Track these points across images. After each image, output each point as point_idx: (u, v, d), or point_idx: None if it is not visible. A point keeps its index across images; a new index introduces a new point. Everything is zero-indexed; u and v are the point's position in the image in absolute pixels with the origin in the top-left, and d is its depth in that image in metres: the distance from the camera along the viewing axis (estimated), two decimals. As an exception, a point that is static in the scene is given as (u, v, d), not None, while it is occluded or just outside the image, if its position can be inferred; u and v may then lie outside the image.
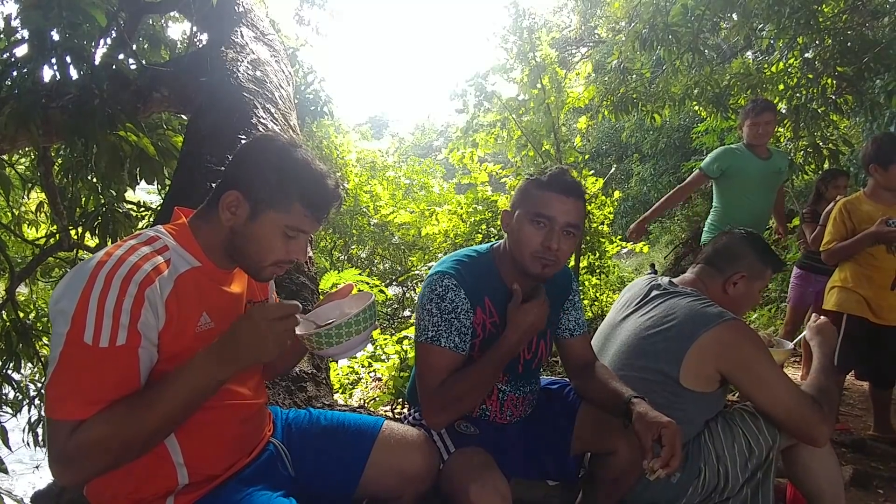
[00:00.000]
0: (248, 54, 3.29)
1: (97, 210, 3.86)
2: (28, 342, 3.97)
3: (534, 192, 1.46)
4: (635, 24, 5.22)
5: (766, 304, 6.63)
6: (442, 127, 26.38)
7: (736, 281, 1.76)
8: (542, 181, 1.45)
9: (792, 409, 1.55)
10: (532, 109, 6.55)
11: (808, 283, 3.80)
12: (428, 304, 1.45)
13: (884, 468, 2.58)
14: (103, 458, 0.95)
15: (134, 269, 0.99)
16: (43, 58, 2.67)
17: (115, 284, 0.97)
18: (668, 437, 1.25)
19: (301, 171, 1.12)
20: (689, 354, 1.59)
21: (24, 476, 4.84)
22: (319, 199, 1.13)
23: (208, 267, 1.13)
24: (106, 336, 0.95)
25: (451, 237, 6.82)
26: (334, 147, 8.31)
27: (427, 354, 1.44)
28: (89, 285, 0.96)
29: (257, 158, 1.12)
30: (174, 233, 1.12)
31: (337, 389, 3.42)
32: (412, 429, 1.45)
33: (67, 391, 0.94)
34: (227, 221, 1.11)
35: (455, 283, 1.45)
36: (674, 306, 1.69)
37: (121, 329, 0.96)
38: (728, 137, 7.98)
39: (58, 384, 0.94)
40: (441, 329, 1.42)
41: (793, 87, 5.16)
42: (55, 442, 0.94)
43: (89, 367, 0.94)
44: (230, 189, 1.10)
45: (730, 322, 1.59)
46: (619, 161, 14.58)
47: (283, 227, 1.11)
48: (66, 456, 0.93)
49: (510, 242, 1.51)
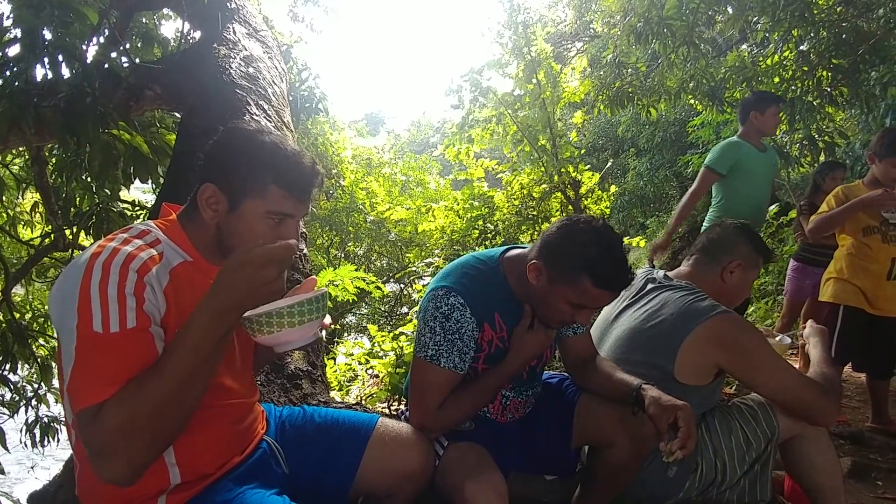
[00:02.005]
0: (241, 51, 3.27)
1: (91, 209, 3.85)
2: (24, 343, 3.96)
3: (586, 286, 1.33)
4: (630, 18, 5.19)
5: (762, 297, 6.64)
6: (438, 123, 26.36)
7: (732, 270, 1.77)
8: (602, 278, 1.33)
9: (796, 390, 1.56)
10: (528, 104, 6.55)
11: (806, 276, 3.80)
12: (431, 321, 1.41)
13: (882, 460, 2.59)
14: (137, 438, 0.91)
15: (130, 258, 0.98)
16: (35, 57, 2.64)
17: (113, 272, 0.95)
18: (684, 418, 1.26)
19: (270, 153, 1.09)
20: (682, 348, 1.59)
21: (21, 477, 4.84)
22: (296, 177, 1.10)
23: (200, 262, 1.12)
24: (115, 321, 0.92)
25: (447, 233, 6.81)
26: (330, 144, 8.30)
27: (425, 372, 1.43)
28: (87, 276, 0.94)
29: (226, 149, 1.11)
30: (164, 228, 1.11)
31: (334, 387, 3.42)
32: (408, 425, 1.44)
33: (86, 381, 0.91)
34: (211, 218, 1.10)
35: (462, 303, 1.41)
36: (667, 300, 1.69)
37: (128, 312, 0.94)
38: (724, 131, 7.97)
39: (78, 377, 0.91)
40: (442, 349, 1.40)
41: (788, 79, 5.15)
42: (85, 436, 0.90)
43: (105, 354, 0.92)
44: (205, 183, 1.09)
45: (722, 314, 1.59)
46: (615, 155, 14.55)
47: (265, 213, 1.08)
48: (98, 447, 0.90)
49: (530, 290, 1.43)
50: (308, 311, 1.04)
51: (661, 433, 1.27)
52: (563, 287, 1.36)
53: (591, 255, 1.32)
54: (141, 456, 0.93)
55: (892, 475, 2.44)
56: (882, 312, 2.67)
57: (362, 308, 8.12)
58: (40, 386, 4.31)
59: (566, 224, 1.40)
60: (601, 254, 1.32)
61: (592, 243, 1.33)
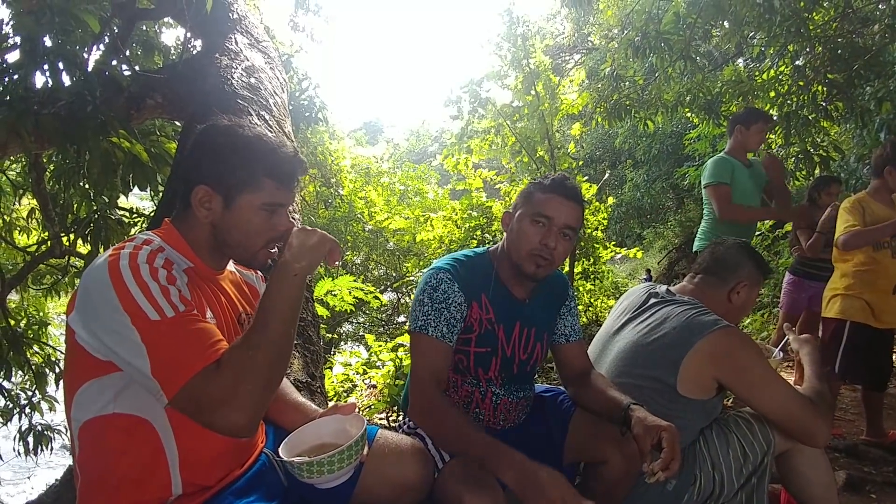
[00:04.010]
0: (243, 61, 3.29)
1: (89, 217, 3.83)
2: (18, 350, 3.93)
3: (536, 194, 1.52)
4: (628, 31, 5.25)
5: (758, 310, 6.66)
6: (437, 133, 26.43)
7: (739, 290, 1.79)
8: (545, 184, 1.52)
9: (791, 410, 1.57)
10: (526, 116, 6.58)
11: (801, 289, 3.82)
12: (421, 294, 1.50)
13: (876, 472, 2.59)
14: (254, 383, 0.97)
15: (152, 256, 1.02)
16: (35, 64, 2.65)
17: (143, 268, 0.99)
18: (668, 440, 1.26)
19: (258, 146, 1.12)
20: (685, 362, 1.60)
21: (15, 485, 4.79)
22: (285, 168, 1.14)
23: (201, 268, 1.15)
24: (168, 307, 0.97)
25: (445, 243, 6.83)
26: (329, 153, 8.31)
27: (415, 342, 1.49)
28: (117, 278, 0.97)
29: (212, 147, 1.12)
30: (163, 235, 1.13)
31: (332, 398, 3.40)
32: (406, 438, 1.44)
33: (178, 356, 0.95)
34: (205, 218, 1.12)
35: (450, 277, 1.50)
36: (669, 314, 1.70)
37: (173, 298, 0.98)
38: (720, 144, 8.02)
39: (164, 359, 0.95)
40: (430, 318, 1.46)
41: (784, 94, 5.21)
42: (202, 396, 0.95)
43: (178, 333, 0.96)
44: (197, 185, 1.10)
45: (725, 329, 1.60)
46: (612, 167, 14.65)
47: (260, 205, 1.12)
48: (219, 398, 0.95)
49: (508, 242, 1.56)
50: (348, 457, 1.13)
51: (643, 454, 1.28)
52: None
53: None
54: (259, 401, 0.99)
55: (887, 488, 2.44)
56: (886, 325, 2.70)
57: (359, 317, 8.11)
58: (34, 394, 4.28)
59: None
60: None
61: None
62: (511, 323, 1.58)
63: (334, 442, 1.21)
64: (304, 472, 1.10)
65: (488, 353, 1.56)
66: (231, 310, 1.21)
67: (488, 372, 1.57)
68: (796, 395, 1.58)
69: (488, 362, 1.57)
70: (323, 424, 1.27)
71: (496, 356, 1.57)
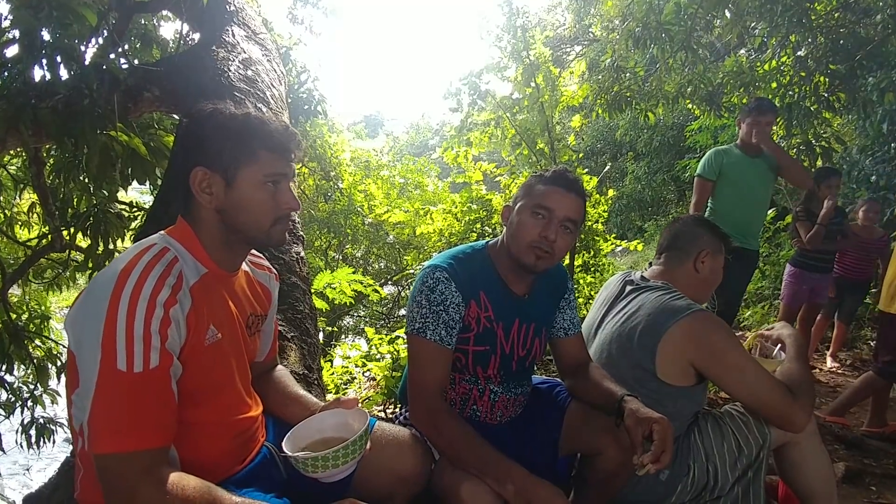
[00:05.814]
0: (240, 53, 3.27)
1: (89, 210, 3.83)
2: (20, 344, 3.94)
3: (537, 186, 1.50)
4: (629, 22, 5.22)
5: (759, 302, 6.66)
6: (437, 125, 26.36)
7: (703, 259, 1.81)
8: (546, 176, 1.51)
9: (763, 395, 1.57)
10: (526, 108, 6.54)
11: (802, 281, 3.82)
12: (418, 295, 1.47)
13: (876, 464, 2.60)
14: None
15: (157, 290, 0.98)
16: (33, 58, 2.63)
17: (140, 307, 0.95)
18: (659, 432, 1.26)
19: (247, 121, 1.11)
20: (660, 347, 1.61)
21: (15, 477, 4.82)
22: (279, 137, 1.13)
23: (215, 271, 1.13)
24: (139, 360, 0.94)
25: (445, 236, 6.81)
26: (328, 146, 8.28)
27: (413, 346, 1.47)
28: (113, 310, 0.94)
29: (203, 130, 1.11)
30: (177, 236, 1.12)
31: (330, 390, 3.41)
32: (404, 429, 1.45)
33: (108, 422, 0.92)
34: (209, 204, 1.10)
35: (447, 276, 1.47)
36: (644, 301, 1.72)
37: (153, 352, 0.95)
38: (722, 135, 7.99)
39: (99, 415, 0.92)
40: (428, 321, 1.44)
41: (785, 84, 5.18)
42: (121, 476, 0.91)
43: (126, 396, 0.93)
44: (193, 169, 1.09)
45: (697, 313, 1.60)
46: (613, 159, 14.59)
47: (262, 178, 1.11)
48: (124, 497, 0.91)
49: (508, 235, 1.53)
50: (353, 452, 1.12)
51: (634, 445, 1.28)
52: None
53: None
54: None
55: (886, 480, 2.45)
56: None
57: (360, 310, 8.11)
58: (36, 387, 4.29)
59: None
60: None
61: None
62: (510, 320, 1.57)
63: (337, 436, 1.21)
64: (308, 467, 1.11)
65: (487, 351, 1.55)
66: (240, 312, 1.21)
67: (487, 370, 1.56)
68: (770, 380, 1.58)
69: (487, 360, 1.56)
70: (325, 418, 1.27)
71: (495, 354, 1.56)
